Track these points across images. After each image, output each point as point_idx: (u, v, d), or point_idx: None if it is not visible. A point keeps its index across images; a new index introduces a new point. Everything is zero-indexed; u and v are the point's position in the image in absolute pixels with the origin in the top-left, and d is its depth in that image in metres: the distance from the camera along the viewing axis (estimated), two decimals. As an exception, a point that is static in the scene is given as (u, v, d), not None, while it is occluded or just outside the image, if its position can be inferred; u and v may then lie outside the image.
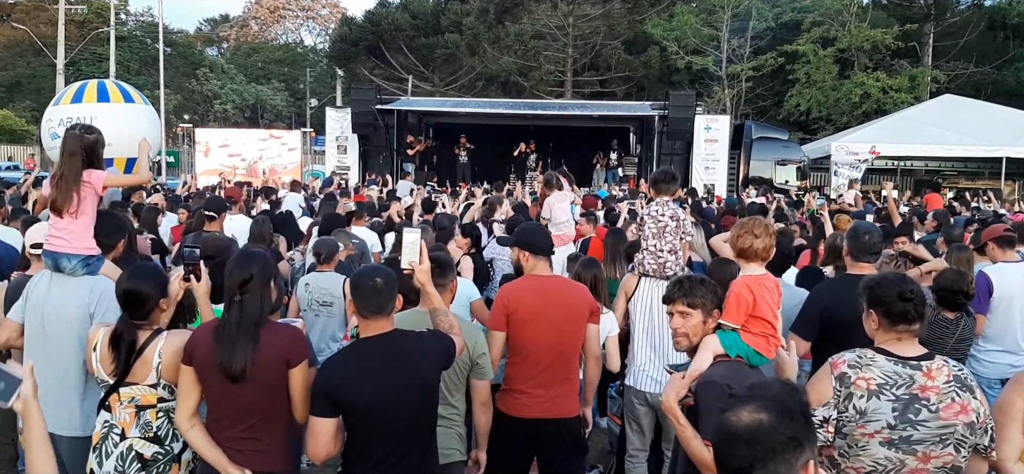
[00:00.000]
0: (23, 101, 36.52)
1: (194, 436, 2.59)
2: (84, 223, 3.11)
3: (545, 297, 3.34)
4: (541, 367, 3.28)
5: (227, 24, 56.21)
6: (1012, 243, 4.69)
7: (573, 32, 31.35)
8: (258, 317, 2.53)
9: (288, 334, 2.63)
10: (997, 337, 4.42)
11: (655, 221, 4.05)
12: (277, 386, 2.56)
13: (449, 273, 3.30)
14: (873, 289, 2.38)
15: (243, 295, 2.53)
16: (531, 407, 3.26)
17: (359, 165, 18.91)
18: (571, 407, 3.39)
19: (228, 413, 2.56)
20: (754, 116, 27.73)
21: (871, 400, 2.23)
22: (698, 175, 17.43)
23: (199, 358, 2.55)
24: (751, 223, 2.80)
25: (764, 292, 2.60)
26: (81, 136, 3.13)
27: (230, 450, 2.56)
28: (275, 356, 2.53)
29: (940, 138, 18.07)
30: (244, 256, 2.66)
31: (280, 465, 2.63)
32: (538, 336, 3.27)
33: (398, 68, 34.27)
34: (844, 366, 2.29)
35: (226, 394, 2.52)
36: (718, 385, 2.39)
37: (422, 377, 2.58)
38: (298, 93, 46.85)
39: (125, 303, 2.70)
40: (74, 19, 34.54)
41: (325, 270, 4.69)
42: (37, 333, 3.09)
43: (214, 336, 2.52)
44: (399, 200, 9.74)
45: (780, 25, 28.62)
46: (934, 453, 2.23)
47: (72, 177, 3.08)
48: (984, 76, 27.09)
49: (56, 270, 3.10)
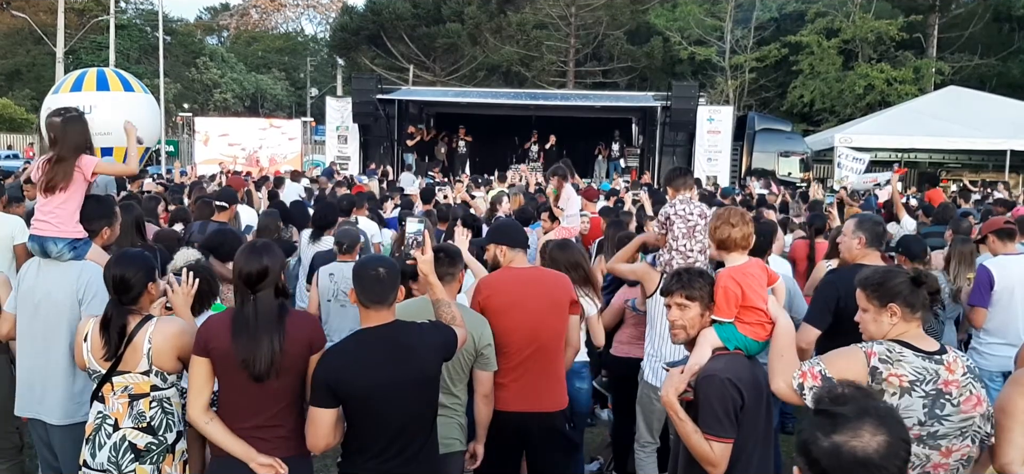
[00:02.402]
0: (23, 89, 36.45)
1: (213, 430, 2.52)
2: (71, 208, 3.10)
3: (523, 287, 3.28)
4: (519, 359, 3.22)
5: (227, 13, 56.02)
6: (1012, 236, 4.67)
7: (575, 22, 31.21)
8: (279, 310, 2.51)
9: (309, 320, 2.69)
10: (998, 330, 4.43)
11: (684, 220, 3.92)
12: (299, 372, 2.55)
13: (457, 264, 3.26)
14: (883, 284, 2.33)
15: (259, 289, 2.49)
16: (509, 401, 3.18)
17: (359, 155, 18.87)
18: (555, 401, 3.32)
19: (250, 404, 2.51)
20: (757, 107, 27.65)
21: (903, 397, 2.19)
22: (701, 167, 17.36)
23: (217, 350, 2.49)
24: (727, 213, 2.77)
25: (750, 280, 2.56)
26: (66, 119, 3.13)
27: (253, 440, 2.50)
28: (301, 343, 2.52)
29: (944, 130, 17.99)
30: (253, 248, 2.62)
31: (303, 448, 2.60)
32: (515, 327, 3.21)
33: (399, 58, 34.14)
34: (875, 360, 2.24)
35: (248, 386, 2.47)
36: (719, 379, 2.38)
37: (422, 368, 2.56)
38: (298, 82, 46.75)
39: (113, 288, 2.69)
40: (74, 7, 34.44)
41: (347, 260, 4.61)
42: (29, 320, 3.09)
43: (232, 331, 2.47)
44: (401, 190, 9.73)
45: (784, 16, 28.46)
46: (956, 446, 2.22)
47: (70, 155, 3.08)
48: (989, 68, 26.97)
49: (43, 255, 3.09)
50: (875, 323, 2.35)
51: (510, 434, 3.24)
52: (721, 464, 2.35)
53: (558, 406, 3.35)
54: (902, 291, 2.29)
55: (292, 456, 2.55)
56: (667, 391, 2.45)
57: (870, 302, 2.36)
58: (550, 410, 3.30)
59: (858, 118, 23.17)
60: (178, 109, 34.94)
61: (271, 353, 2.43)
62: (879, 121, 19.89)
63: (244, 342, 2.44)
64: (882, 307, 2.32)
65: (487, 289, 3.30)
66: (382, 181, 12.74)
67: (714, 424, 2.34)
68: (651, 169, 17.71)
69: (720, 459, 2.35)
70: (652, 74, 31.51)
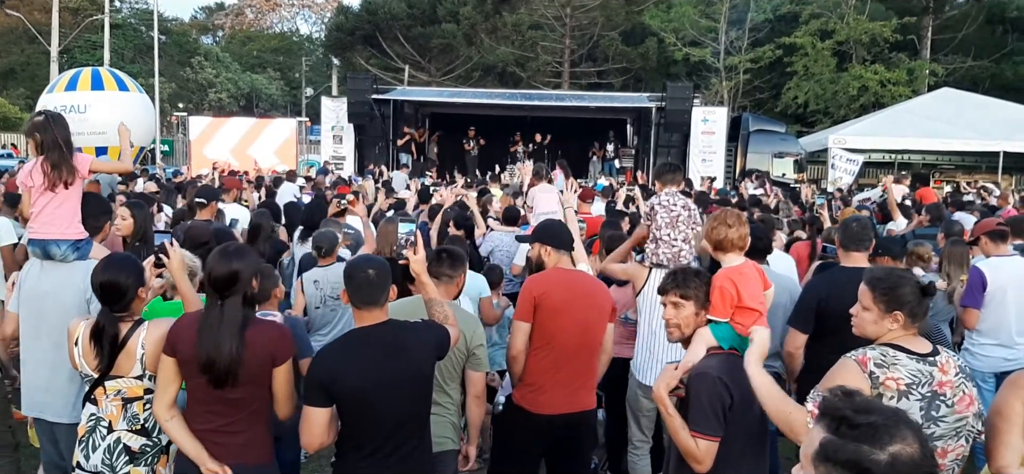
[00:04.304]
0: (17, 89, 36.29)
1: (173, 427, 2.54)
2: (70, 208, 3.11)
3: (572, 290, 3.32)
4: (567, 360, 3.25)
5: (222, 12, 55.87)
6: (1005, 237, 4.70)
7: (571, 23, 31.23)
8: (243, 319, 2.48)
9: (275, 332, 2.59)
10: (991, 331, 4.46)
11: (667, 210, 3.97)
12: (262, 382, 2.53)
13: (459, 267, 3.24)
14: (893, 291, 2.31)
15: (227, 296, 2.46)
16: (553, 404, 3.23)
17: (355, 155, 18.83)
18: (590, 400, 3.40)
19: (211, 407, 2.52)
20: (751, 108, 27.69)
21: (901, 401, 2.19)
22: (695, 167, 17.40)
23: (183, 351, 2.50)
24: (724, 214, 2.78)
25: (745, 282, 2.58)
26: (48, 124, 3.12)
27: (210, 443, 2.52)
28: (261, 354, 2.50)
29: (938, 132, 18.07)
30: (225, 253, 2.55)
31: (263, 456, 2.61)
32: (566, 329, 3.24)
33: (394, 57, 34.10)
34: (871, 365, 2.24)
35: (209, 390, 2.48)
36: (710, 377, 2.39)
37: (415, 367, 2.56)
38: (293, 82, 46.65)
39: (103, 295, 2.64)
40: (68, 6, 34.26)
41: (327, 263, 4.55)
42: (33, 322, 3.10)
43: (197, 334, 2.46)
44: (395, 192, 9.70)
45: (778, 17, 28.53)
46: (951, 447, 2.23)
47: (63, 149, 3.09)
48: (982, 70, 27.09)
49: (46, 258, 3.10)
50: (875, 325, 2.34)
51: (542, 436, 3.26)
52: (706, 461, 2.36)
53: (592, 404, 3.43)
54: (910, 302, 2.29)
55: (250, 465, 2.54)
56: (659, 386, 2.47)
57: (876, 304, 2.34)
58: (586, 409, 3.37)
59: (852, 119, 23.24)
60: (173, 109, 34.83)
61: (230, 361, 2.42)
62: (873, 122, 19.97)
63: (205, 347, 2.43)
64: (887, 313, 2.32)
65: (541, 287, 3.30)
66: (377, 181, 12.73)
67: (701, 421, 2.35)
68: (646, 170, 17.73)
69: (705, 456, 2.36)
70: (647, 75, 31.55)
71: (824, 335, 3.45)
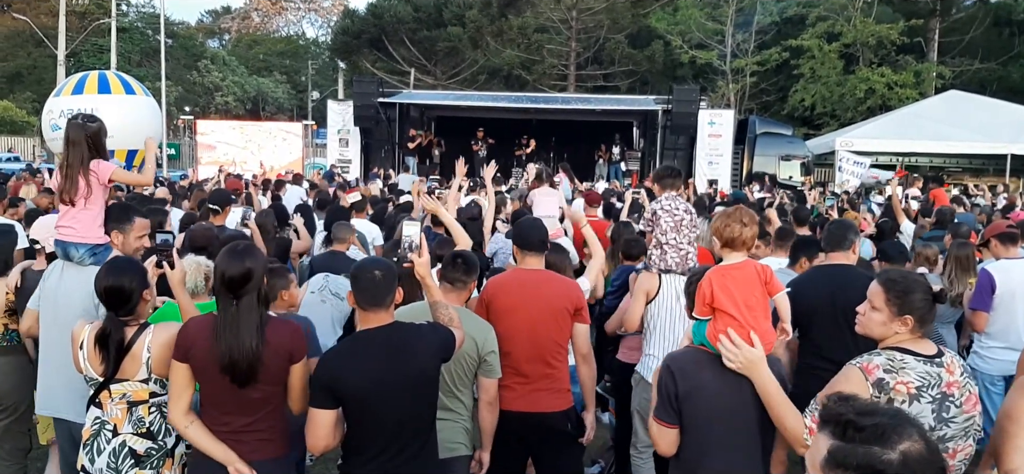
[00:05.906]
0: (24, 92, 36.55)
1: (194, 433, 2.52)
2: (93, 213, 3.17)
3: (526, 290, 3.29)
4: (519, 360, 3.23)
5: (229, 16, 56.18)
6: (1015, 240, 4.66)
7: (577, 26, 31.26)
8: (260, 317, 2.48)
9: (290, 330, 2.58)
10: (1000, 334, 4.44)
11: (670, 215, 3.93)
12: (280, 380, 2.54)
13: (472, 273, 3.22)
14: (908, 295, 2.29)
15: (242, 294, 2.46)
16: (511, 401, 3.20)
17: (361, 158, 18.87)
18: (554, 402, 3.31)
19: (231, 408, 2.52)
20: (758, 111, 27.64)
21: (913, 404, 2.18)
22: (701, 170, 17.36)
23: (197, 356, 2.48)
24: (738, 212, 2.72)
25: (728, 282, 2.46)
26: (84, 125, 3.20)
27: (232, 442, 2.52)
28: (280, 352, 2.50)
29: (945, 134, 18.01)
30: (235, 252, 2.53)
31: (283, 449, 2.62)
32: (515, 329, 3.21)
33: (400, 61, 34.19)
34: (879, 372, 2.22)
35: (228, 391, 2.47)
36: (661, 366, 2.48)
37: (420, 370, 2.55)
38: (300, 86, 46.83)
39: (108, 300, 2.63)
40: (75, 10, 34.50)
41: None
42: (50, 321, 3.17)
43: (214, 337, 2.45)
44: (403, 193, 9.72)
45: (785, 20, 28.49)
46: (959, 447, 2.23)
47: (77, 164, 3.14)
48: (989, 72, 27.00)
49: (66, 259, 3.18)
50: (883, 327, 2.32)
51: (513, 433, 3.24)
52: (660, 445, 2.45)
53: (558, 407, 3.33)
54: (921, 308, 2.28)
55: (272, 458, 2.57)
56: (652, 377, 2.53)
57: (888, 306, 2.30)
58: (550, 411, 3.29)
59: (859, 122, 23.18)
60: (179, 112, 35.01)
61: (252, 358, 2.42)
62: (880, 125, 19.92)
63: (227, 347, 2.42)
64: (897, 316, 2.29)
65: (492, 288, 3.33)
66: (384, 184, 12.75)
67: (657, 408, 2.45)
68: (652, 173, 17.69)
69: (658, 439, 2.45)
70: (653, 78, 31.54)
71: (804, 338, 3.55)
